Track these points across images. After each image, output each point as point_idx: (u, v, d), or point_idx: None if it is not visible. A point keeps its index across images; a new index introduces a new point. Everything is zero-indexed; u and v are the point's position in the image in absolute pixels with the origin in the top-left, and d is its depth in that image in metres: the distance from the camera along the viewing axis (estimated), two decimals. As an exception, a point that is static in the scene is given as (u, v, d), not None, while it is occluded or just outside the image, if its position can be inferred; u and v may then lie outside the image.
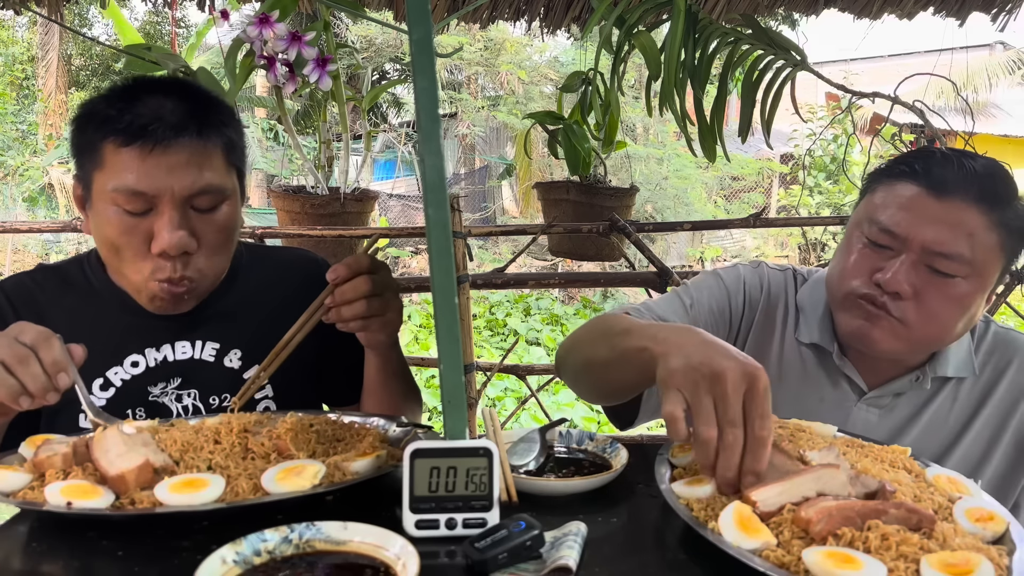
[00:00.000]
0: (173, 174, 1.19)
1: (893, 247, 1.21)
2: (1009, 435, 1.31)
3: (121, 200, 1.19)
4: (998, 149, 3.19)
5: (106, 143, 1.20)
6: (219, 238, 1.27)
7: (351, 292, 1.17)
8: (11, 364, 1.02)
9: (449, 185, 2.25)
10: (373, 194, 2.74)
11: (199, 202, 1.23)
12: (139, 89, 1.24)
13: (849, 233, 1.30)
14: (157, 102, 1.21)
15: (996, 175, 1.21)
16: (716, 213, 12.16)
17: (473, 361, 2.70)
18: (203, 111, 1.24)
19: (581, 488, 1.01)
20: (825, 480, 0.89)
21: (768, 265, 1.50)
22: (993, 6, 2.80)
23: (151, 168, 1.18)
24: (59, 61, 13.85)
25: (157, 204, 1.20)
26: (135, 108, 1.19)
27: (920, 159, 1.24)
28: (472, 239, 3.88)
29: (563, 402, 6.46)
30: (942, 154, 1.24)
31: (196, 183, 1.21)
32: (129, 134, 1.18)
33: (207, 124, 1.23)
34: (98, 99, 1.25)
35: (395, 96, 13.95)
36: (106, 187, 1.20)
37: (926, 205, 1.19)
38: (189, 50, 9.37)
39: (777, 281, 1.45)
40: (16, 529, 0.92)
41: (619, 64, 2.42)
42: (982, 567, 0.75)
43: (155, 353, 1.33)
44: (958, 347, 1.32)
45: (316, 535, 0.82)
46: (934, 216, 1.18)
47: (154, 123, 1.18)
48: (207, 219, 1.25)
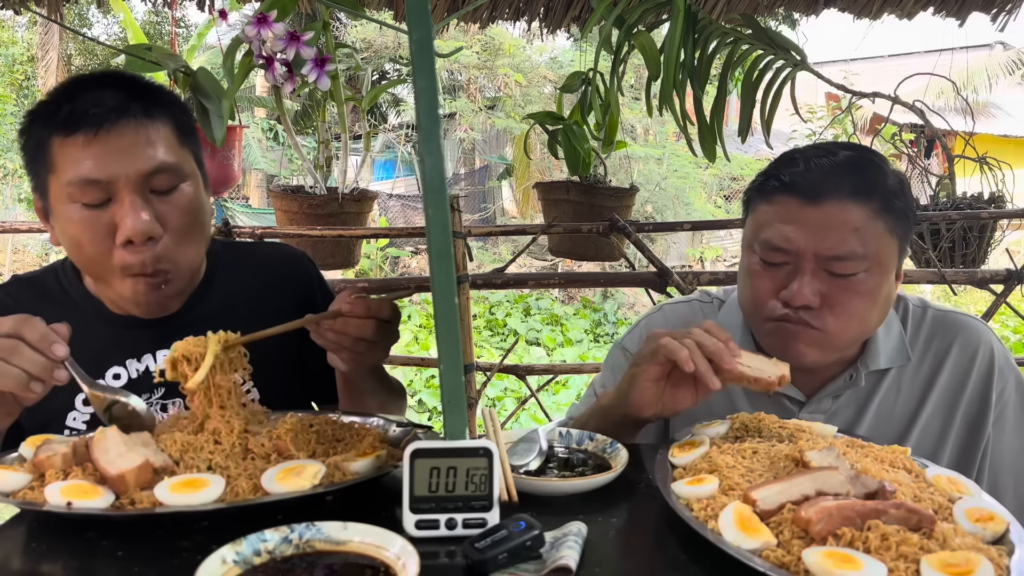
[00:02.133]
0: (124, 156, 1.17)
1: (788, 261, 1.22)
2: (960, 417, 1.32)
3: (77, 194, 1.17)
4: (998, 149, 3.20)
5: (52, 140, 1.18)
6: (184, 220, 1.23)
7: (353, 330, 1.13)
8: (5, 356, 1.00)
9: (449, 185, 2.25)
10: (372, 194, 2.74)
11: (157, 183, 1.20)
12: (77, 84, 1.22)
13: (743, 257, 1.30)
14: (96, 91, 1.19)
15: (861, 164, 1.21)
16: (716, 213, 12.16)
17: (473, 361, 2.70)
18: (145, 92, 1.22)
19: (581, 488, 1.01)
20: (824, 479, 0.89)
21: (671, 302, 1.52)
22: (993, 6, 2.80)
23: (100, 153, 1.16)
24: (59, 61, 13.85)
25: (114, 192, 1.17)
26: (74, 100, 1.18)
27: (785, 167, 1.24)
28: (472, 239, 3.89)
29: (563, 402, 6.47)
30: (804, 157, 1.23)
31: (149, 162, 1.18)
32: (71, 123, 1.16)
33: (152, 104, 1.21)
34: (38, 103, 1.24)
35: (395, 96, 13.96)
36: (61, 187, 1.18)
37: (805, 214, 1.19)
38: (189, 50, 9.35)
39: (683, 315, 1.46)
40: (16, 529, 0.92)
41: (619, 64, 2.41)
42: (982, 567, 0.75)
43: (136, 364, 1.30)
44: (887, 337, 1.32)
45: (316, 535, 0.82)
46: (816, 223, 1.19)
47: (95, 108, 1.16)
48: (169, 201, 1.21)
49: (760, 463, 0.99)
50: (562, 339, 8.92)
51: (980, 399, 1.33)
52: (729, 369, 1.08)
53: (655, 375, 1.14)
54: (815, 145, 1.29)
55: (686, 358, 1.08)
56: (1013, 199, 2.81)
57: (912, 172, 3.21)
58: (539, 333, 8.92)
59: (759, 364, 1.11)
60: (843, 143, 1.30)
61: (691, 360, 1.08)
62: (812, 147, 1.27)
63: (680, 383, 1.14)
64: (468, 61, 12.00)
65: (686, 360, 1.08)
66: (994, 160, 2.81)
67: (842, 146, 1.25)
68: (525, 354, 8.24)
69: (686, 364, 1.08)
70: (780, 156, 1.29)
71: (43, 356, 1.02)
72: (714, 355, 1.09)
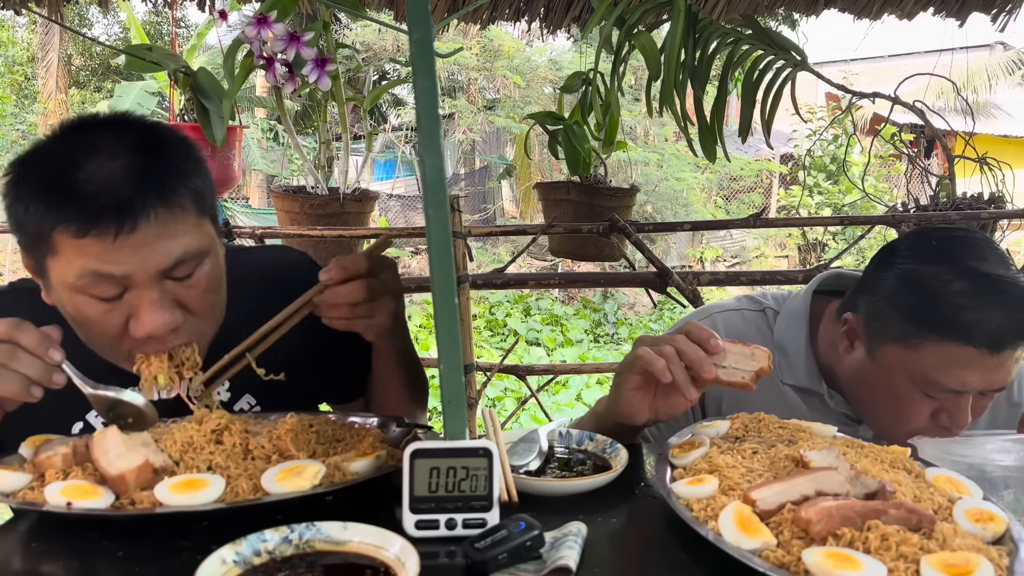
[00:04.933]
0: (142, 252, 1.04)
1: (956, 392, 1.22)
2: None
3: (87, 287, 1.05)
4: (998, 149, 3.20)
5: (56, 231, 1.02)
6: (206, 299, 1.14)
7: (341, 298, 1.09)
8: (4, 361, 0.98)
9: (449, 186, 2.26)
10: (373, 194, 2.74)
11: (178, 272, 1.08)
12: (77, 149, 1.05)
13: (896, 382, 1.25)
14: (104, 167, 1.03)
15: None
16: (716, 213, 12.17)
17: (473, 361, 2.70)
18: (160, 164, 1.07)
19: (581, 488, 1.01)
20: (824, 479, 0.89)
21: (720, 309, 1.47)
22: (993, 6, 2.80)
23: (116, 252, 1.02)
24: (59, 61, 13.84)
25: (130, 285, 1.05)
26: (80, 186, 1.01)
27: (965, 313, 1.17)
28: (472, 239, 3.88)
29: (563, 402, 6.47)
30: (978, 304, 1.17)
31: (170, 257, 1.06)
32: (83, 222, 1.00)
33: (169, 183, 1.06)
34: (29, 168, 1.06)
35: (395, 97, 13.96)
36: (66, 276, 1.05)
37: (985, 363, 1.18)
38: (190, 51, 9.36)
39: (736, 327, 1.42)
40: (16, 529, 0.92)
41: (619, 64, 2.42)
42: (982, 567, 0.75)
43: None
44: None
45: (316, 535, 0.82)
46: (993, 367, 1.19)
47: (110, 203, 1.01)
48: (189, 285, 1.11)
49: (760, 463, 0.99)
50: (562, 339, 8.92)
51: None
52: (707, 379, 1.07)
53: (636, 384, 1.13)
54: (974, 275, 1.19)
55: (662, 369, 1.07)
56: (1013, 199, 2.81)
57: (912, 172, 3.21)
58: (539, 333, 8.93)
59: (740, 359, 1.10)
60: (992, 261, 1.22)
61: (668, 371, 1.07)
62: (973, 279, 1.19)
63: (669, 390, 1.11)
64: (468, 62, 12.00)
65: (662, 371, 1.07)
66: (994, 160, 2.81)
67: (1004, 281, 1.18)
68: (525, 354, 8.25)
69: (663, 375, 1.07)
70: (937, 283, 1.20)
71: (40, 360, 1.00)
72: (693, 364, 1.07)
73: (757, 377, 1.08)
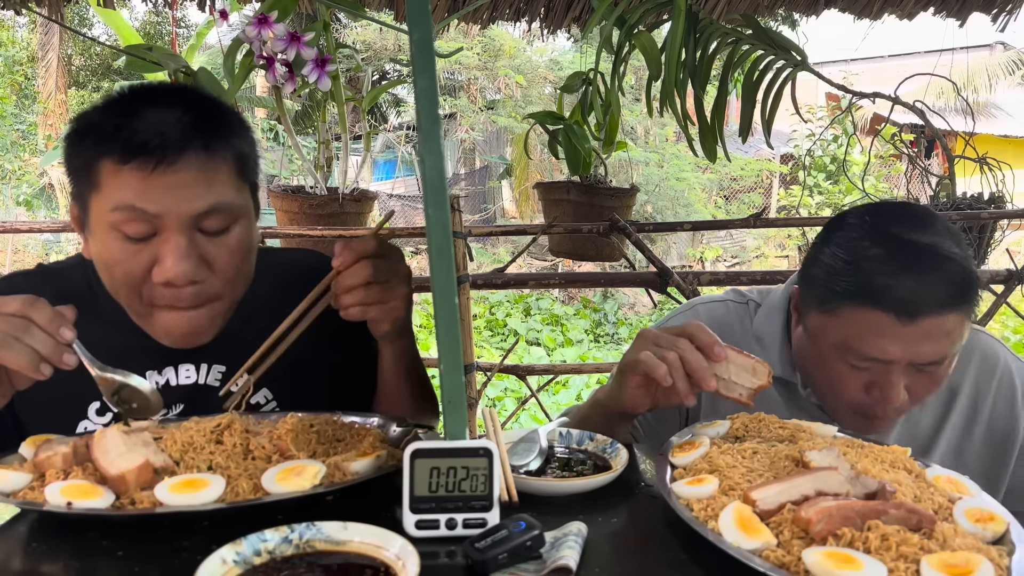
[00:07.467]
0: (178, 194, 1.09)
1: (880, 363, 1.19)
2: (981, 432, 1.32)
3: (120, 222, 1.10)
4: (998, 149, 3.20)
5: (102, 162, 1.09)
6: (233, 262, 1.16)
7: (351, 278, 1.10)
8: (15, 334, 0.98)
9: (449, 185, 2.26)
10: (372, 194, 2.74)
11: (208, 224, 1.13)
12: (137, 99, 1.13)
13: (823, 350, 1.24)
14: (158, 114, 1.10)
15: (949, 270, 1.14)
16: (716, 214, 12.17)
17: (473, 361, 2.70)
18: (210, 121, 1.13)
19: (581, 488, 1.01)
20: (824, 479, 0.89)
21: (704, 301, 1.48)
22: (993, 6, 2.80)
23: (153, 188, 1.08)
24: (59, 61, 13.84)
25: (161, 228, 1.10)
26: (133, 122, 1.09)
27: (877, 278, 1.15)
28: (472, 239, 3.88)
29: (563, 402, 6.46)
30: (891, 270, 1.15)
31: (204, 202, 1.11)
32: (127, 151, 1.07)
33: (215, 136, 1.13)
34: (92, 111, 1.14)
35: (395, 96, 13.96)
36: (104, 210, 1.10)
37: (901, 331, 1.14)
38: (190, 50, 9.36)
39: (719, 317, 1.42)
40: (16, 529, 0.92)
41: (619, 64, 2.42)
42: (982, 567, 0.75)
43: (156, 376, 1.24)
44: None
45: (316, 535, 0.82)
46: (913, 337, 1.15)
47: (155, 138, 1.08)
48: (218, 242, 1.14)
49: (760, 463, 0.99)
50: (562, 339, 8.92)
51: (1005, 419, 1.33)
52: (707, 389, 1.08)
53: (637, 384, 1.15)
54: (895, 241, 1.17)
55: (664, 375, 1.08)
56: (1013, 199, 2.81)
57: (912, 172, 3.21)
58: (539, 333, 8.92)
59: (741, 373, 1.10)
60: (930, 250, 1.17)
61: (669, 376, 1.08)
62: (892, 246, 1.16)
63: (669, 390, 1.12)
64: (468, 62, 12.01)
65: (664, 378, 1.08)
66: (994, 160, 2.81)
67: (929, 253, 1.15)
68: (525, 354, 8.24)
69: (664, 381, 1.08)
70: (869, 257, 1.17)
71: (51, 338, 1.00)
72: (695, 373, 1.08)
73: (755, 394, 1.09)
